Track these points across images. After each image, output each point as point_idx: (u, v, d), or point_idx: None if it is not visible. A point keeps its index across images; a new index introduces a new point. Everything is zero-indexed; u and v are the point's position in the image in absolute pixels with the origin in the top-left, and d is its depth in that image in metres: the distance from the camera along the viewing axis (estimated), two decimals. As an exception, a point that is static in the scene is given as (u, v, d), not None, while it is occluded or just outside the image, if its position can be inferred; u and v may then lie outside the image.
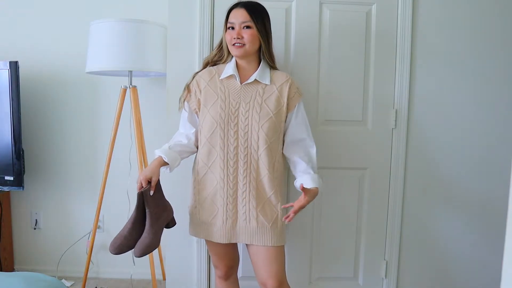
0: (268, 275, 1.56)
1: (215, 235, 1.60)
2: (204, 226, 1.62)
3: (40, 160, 2.52)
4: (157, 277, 2.30)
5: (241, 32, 1.53)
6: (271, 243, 1.56)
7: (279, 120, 1.58)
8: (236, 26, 1.53)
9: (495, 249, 2.06)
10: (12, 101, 2.18)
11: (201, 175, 1.62)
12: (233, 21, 1.54)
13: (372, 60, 1.99)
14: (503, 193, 1.70)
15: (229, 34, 1.55)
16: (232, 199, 1.57)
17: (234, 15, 1.55)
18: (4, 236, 2.43)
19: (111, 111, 2.37)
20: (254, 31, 1.54)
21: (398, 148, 2.03)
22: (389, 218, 2.06)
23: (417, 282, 2.12)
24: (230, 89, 1.58)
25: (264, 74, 1.60)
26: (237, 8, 1.57)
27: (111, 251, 1.53)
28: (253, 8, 1.56)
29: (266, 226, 1.56)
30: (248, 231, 1.57)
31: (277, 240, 1.57)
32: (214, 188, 1.59)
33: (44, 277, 1.47)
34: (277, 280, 1.56)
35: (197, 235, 1.68)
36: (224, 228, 1.59)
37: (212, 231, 1.61)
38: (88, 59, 2.08)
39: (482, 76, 2.03)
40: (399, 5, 1.96)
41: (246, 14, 1.54)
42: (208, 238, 1.63)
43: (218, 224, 1.59)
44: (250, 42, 1.54)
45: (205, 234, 1.63)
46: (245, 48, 1.54)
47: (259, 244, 1.57)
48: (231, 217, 1.58)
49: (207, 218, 1.61)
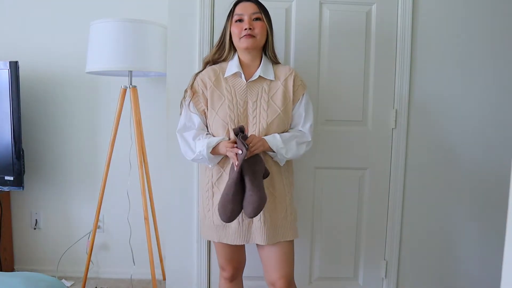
0: (279, 276, 1.55)
1: (230, 237, 1.58)
2: (218, 229, 1.60)
3: (40, 160, 2.52)
4: (157, 277, 2.30)
5: (252, 23, 1.52)
6: (283, 237, 1.56)
7: (287, 116, 1.58)
8: (246, 17, 1.53)
9: (495, 249, 2.06)
10: (12, 101, 2.18)
11: (215, 178, 1.59)
12: (242, 12, 1.53)
13: (372, 60, 1.99)
14: (503, 193, 1.70)
15: (238, 26, 1.53)
16: None
17: (242, 7, 1.55)
18: (4, 236, 2.42)
19: (111, 111, 2.37)
20: (264, 24, 1.55)
21: (398, 148, 2.03)
22: (389, 218, 2.06)
23: (417, 282, 2.12)
24: (236, 88, 1.57)
25: (267, 69, 1.59)
26: (244, 1, 1.56)
27: (225, 221, 1.46)
28: (260, 2, 1.58)
29: (277, 223, 1.56)
30: (264, 231, 1.54)
31: (288, 234, 1.57)
32: None
33: (44, 277, 1.47)
34: (287, 281, 1.56)
35: (210, 238, 1.66)
36: (240, 230, 1.56)
37: (227, 233, 1.58)
38: (88, 59, 2.07)
39: (482, 76, 2.03)
40: (399, 5, 1.96)
41: (255, 6, 1.55)
42: (223, 241, 1.60)
43: (234, 226, 1.56)
44: (260, 34, 1.54)
45: (219, 237, 1.60)
46: (255, 40, 1.53)
47: (273, 243, 1.55)
48: (247, 218, 1.55)
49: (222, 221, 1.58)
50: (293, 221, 1.61)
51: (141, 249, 2.37)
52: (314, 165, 2.02)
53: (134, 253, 2.38)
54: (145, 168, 2.26)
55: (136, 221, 2.37)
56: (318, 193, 2.04)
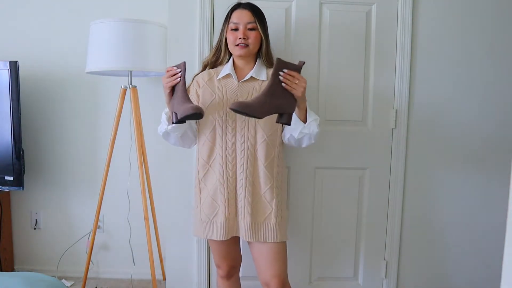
0: (271, 274, 1.56)
1: (215, 234, 1.60)
2: (205, 225, 1.62)
3: (40, 160, 2.52)
4: (157, 277, 2.30)
5: (246, 33, 1.55)
6: (266, 238, 1.57)
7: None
8: (241, 26, 1.55)
9: (495, 249, 2.06)
10: (12, 101, 2.18)
11: (202, 174, 1.63)
12: (238, 21, 1.56)
13: (372, 60, 1.99)
14: (503, 193, 1.70)
15: (233, 35, 1.57)
16: (233, 195, 1.58)
17: (238, 16, 1.56)
18: (4, 236, 2.43)
19: (111, 111, 2.37)
20: (258, 33, 1.57)
21: (398, 148, 2.03)
22: (389, 218, 2.06)
23: (417, 282, 2.12)
24: (227, 88, 1.60)
25: (260, 71, 1.62)
26: (240, 9, 1.58)
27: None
28: (256, 10, 1.59)
29: (259, 222, 1.57)
30: (244, 227, 1.58)
31: (270, 236, 1.57)
32: (214, 185, 1.59)
33: (44, 277, 1.47)
34: (281, 281, 1.56)
35: (198, 235, 1.68)
36: (226, 225, 1.58)
37: (213, 229, 1.60)
38: (88, 59, 2.07)
39: (483, 76, 2.03)
40: (399, 5, 1.96)
41: (250, 15, 1.56)
42: (209, 237, 1.63)
43: (220, 221, 1.59)
44: (254, 43, 1.57)
45: (205, 233, 1.63)
46: (249, 49, 1.56)
47: (254, 240, 1.57)
48: (233, 212, 1.59)
49: (209, 217, 1.61)
50: (280, 224, 1.60)
51: (141, 249, 2.37)
52: (314, 165, 2.02)
53: (134, 253, 2.38)
54: (145, 168, 2.26)
55: (136, 221, 2.37)
56: (318, 193, 2.04)
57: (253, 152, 1.57)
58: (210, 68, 1.68)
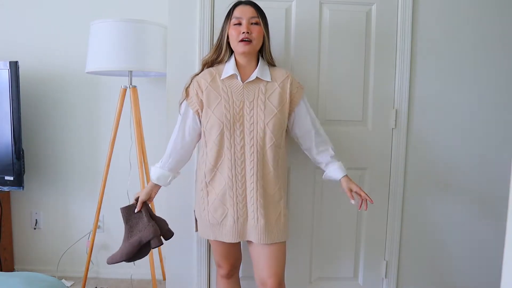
0: (269, 274, 1.56)
1: (225, 236, 1.60)
2: (214, 228, 1.62)
3: (40, 160, 2.52)
4: (157, 277, 2.30)
5: (250, 27, 1.54)
6: (277, 239, 1.57)
7: (283, 117, 1.59)
8: (244, 21, 1.54)
9: (495, 249, 2.06)
10: (12, 101, 2.18)
11: (209, 178, 1.60)
12: (241, 16, 1.54)
13: (372, 60, 1.99)
14: (504, 193, 1.70)
15: (236, 29, 1.54)
16: (242, 198, 1.57)
17: (241, 11, 1.56)
18: (4, 236, 2.43)
19: (111, 111, 2.37)
20: (261, 28, 1.56)
21: (398, 148, 2.02)
22: (389, 218, 2.06)
23: (417, 282, 2.12)
24: (232, 89, 1.58)
25: (264, 71, 1.60)
26: (243, 4, 1.58)
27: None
28: (258, 7, 1.60)
29: (271, 223, 1.57)
30: (257, 230, 1.56)
31: (281, 236, 1.59)
32: (223, 189, 1.58)
33: (44, 277, 1.47)
34: (278, 280, 1.57)
35: (207, 237, 1.68)
36: (235, 228, 1.58)
37: (222, 231, 1.60)
38: (88, 59, 2.08)
39: (483, 76, 2.03)
40: (399, 5, 1.96)
41: (254, 11, 1.56)
42: (218, 239, 1.62)
43: (229, 224, 1.58)
44: (257, 38, 1.55)
45: (214, 235, 1.62)
46: (252, 45, 1.54)
47: (265, 242, 1.56)
48: (242, 216, 1.58)
49: (218, 219, 1.60)
50: (285, 224, 1.62)
51: (141, 249, 2.37)
52: (314, 165, 2.01)
53: (134, 253, 2.38)
54: (145, 168, 2.26)
55: (136, 221, 2.37)
56: (318, 193, 2.04)
57: (262, 155, 1.56)
58: (209, 66, 1.65)
